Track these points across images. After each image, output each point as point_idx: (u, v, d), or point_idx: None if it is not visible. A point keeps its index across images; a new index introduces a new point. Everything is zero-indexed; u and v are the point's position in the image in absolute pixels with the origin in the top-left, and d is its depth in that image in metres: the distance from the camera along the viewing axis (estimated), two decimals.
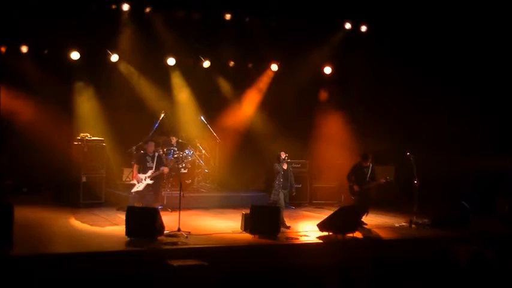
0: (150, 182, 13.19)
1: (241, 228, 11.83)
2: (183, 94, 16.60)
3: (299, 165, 15.89)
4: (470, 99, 15.53)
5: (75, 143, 14.60)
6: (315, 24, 15.79)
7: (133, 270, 9.51)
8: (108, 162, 15.01)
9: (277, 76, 17.03)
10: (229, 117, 17.07)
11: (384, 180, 13.31)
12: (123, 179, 15.59)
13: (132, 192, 13.14)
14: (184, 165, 15.33)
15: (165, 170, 13.57)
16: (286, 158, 12.82)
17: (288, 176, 12.81)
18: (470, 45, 15.61)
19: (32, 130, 14.75)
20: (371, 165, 13.37)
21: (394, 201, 15.49)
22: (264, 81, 17.17)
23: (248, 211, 11.66)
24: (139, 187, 13.13)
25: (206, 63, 16.29)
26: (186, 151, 15.40)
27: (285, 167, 12.80)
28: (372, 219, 13.57)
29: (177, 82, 16.53)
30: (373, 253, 11.21)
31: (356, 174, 13.35)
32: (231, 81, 17.11)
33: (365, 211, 13.18)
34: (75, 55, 14.89)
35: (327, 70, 17.15)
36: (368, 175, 13.27)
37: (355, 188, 13.26)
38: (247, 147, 16.74)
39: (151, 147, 13.52)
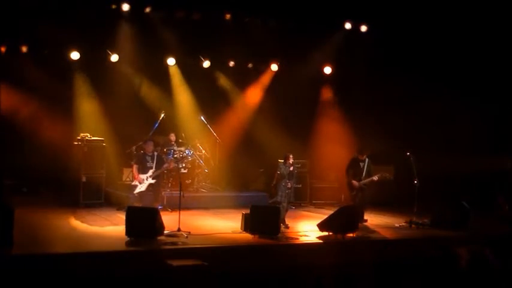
0: (153, 181, 13.19)
1: (241, 228, 11.81)
2: (183, 94, 16.60)
3: (299, 165, 15.83)
4: (470, 99, 15.52)
5: (75, 142, 14.62)
6: (315, 24, 15.79)
7: (133, 270, 9.50)
8: (108, 162, 15.00)
9: (277, 76, 17.03)
10: (229, 117, 17.07)
11: (377, 178, 13.24)
12: (123, 179, 15.59)
13: (134, 193, 13.12)
14: (184, 165, 15.34)
15: (171, 164, 13.60)
16: (293, 161, 12.82)
17: (292, 177, 12.80)
18: (471, 46, 15.60)
19: (32, 130, 14.76)
20: (367, 160, 13.36)
21: (393, 201, 15.48)
22: (264, 81, 17.18)
23: (248, 211, 11.65)
24: (141, 187, 13.11)
25: (206, 63, 16.29)
26: (186, 151, 15.40)
27: (291, 168, 12.79)
28: (372, 219, 13.58)
29: (177, 82, 16.53)
30: (373, 253, 11.22)
31: (353, 168, 13.36)
32: (231, 81, 17.11)
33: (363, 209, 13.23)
34: (75, 55, 14.89)
35: (327, 70, 17.15)
36: (364, 171, 13.27)
37: (354, 183, 13.23)
38: (247, 147, 16.73)
39: (150, 146, 13.48)
